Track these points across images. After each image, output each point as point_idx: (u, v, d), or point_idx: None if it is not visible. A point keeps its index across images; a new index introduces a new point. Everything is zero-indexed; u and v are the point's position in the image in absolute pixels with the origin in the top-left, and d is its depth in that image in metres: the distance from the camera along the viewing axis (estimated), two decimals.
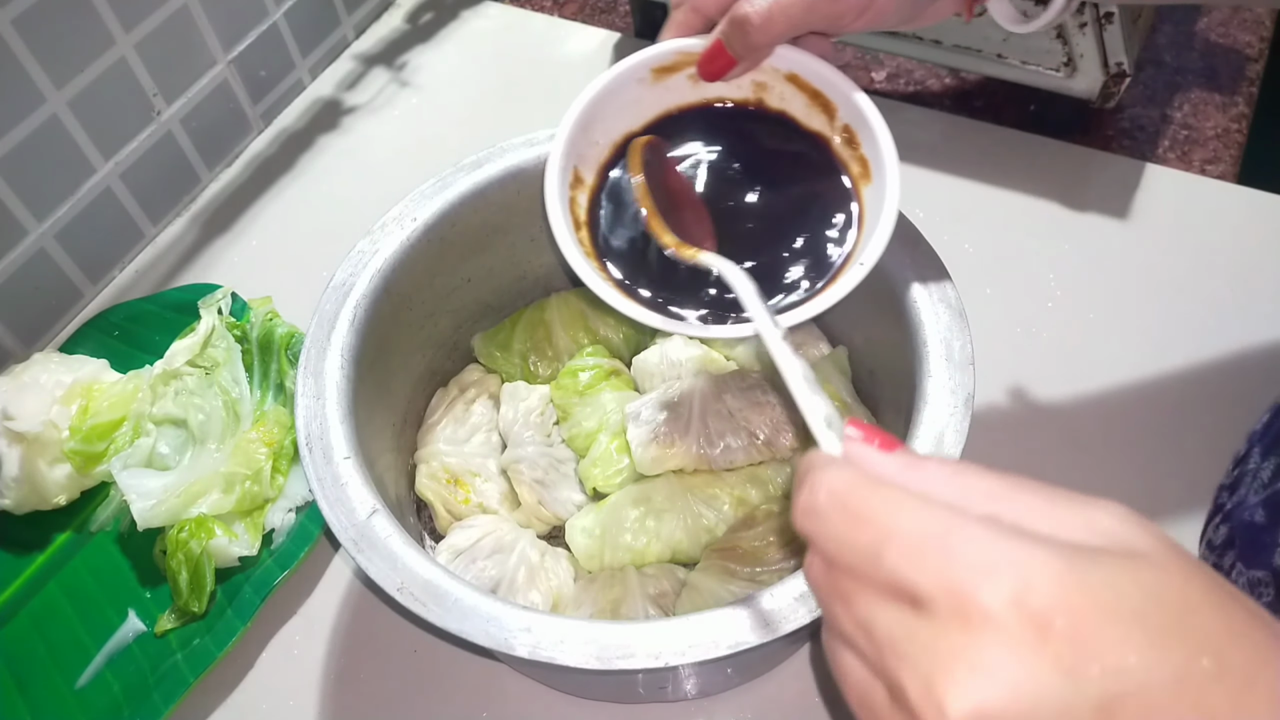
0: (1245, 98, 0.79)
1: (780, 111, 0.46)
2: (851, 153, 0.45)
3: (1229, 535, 0.51)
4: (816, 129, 0.46)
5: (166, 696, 0.53)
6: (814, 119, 0.46)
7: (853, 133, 0.45)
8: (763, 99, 0.46)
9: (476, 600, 0.41)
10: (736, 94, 0.46)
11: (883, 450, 0.27)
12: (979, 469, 0.26)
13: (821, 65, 0.44)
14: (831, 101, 0.45)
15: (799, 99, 0.46)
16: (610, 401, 0.57)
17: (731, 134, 0.47)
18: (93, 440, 0.60)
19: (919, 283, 0.49)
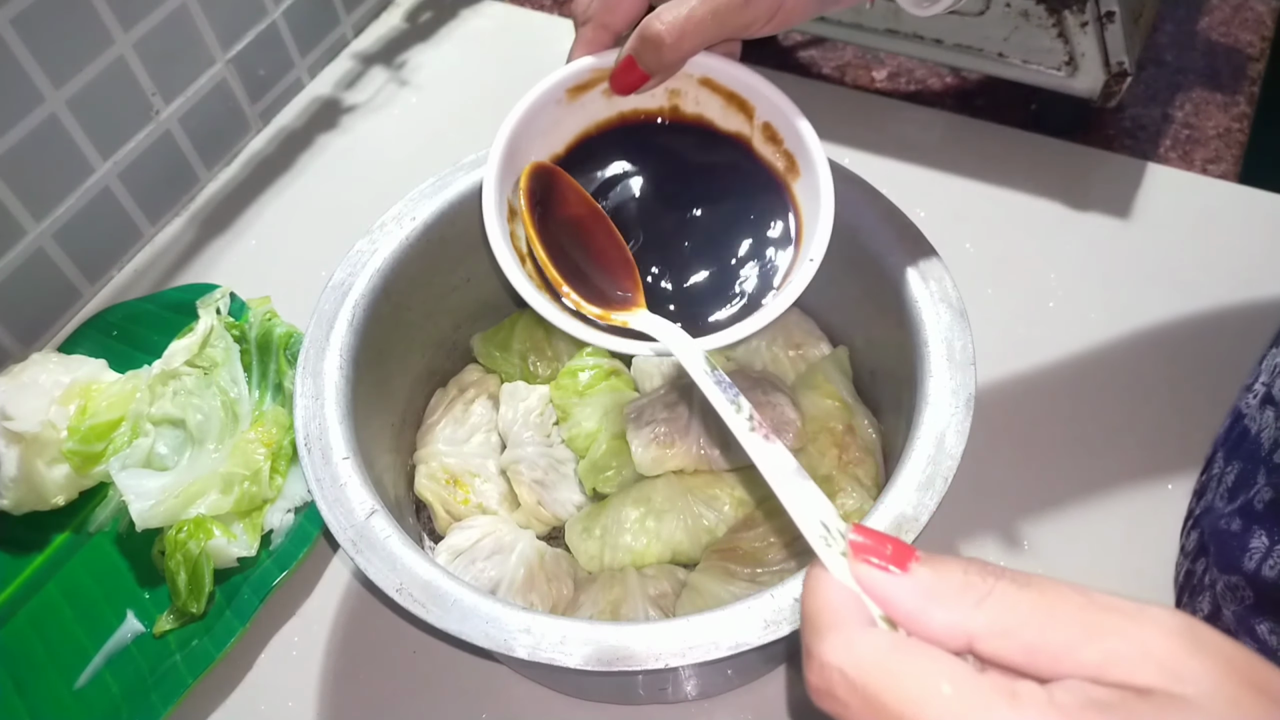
0: (1247, 97, 0.79)
1: (697, 117, 0.46)
2: (775, 149, 0.45)
3: (1200, 541, 0.51)
4: (735, 130, 0.46)
5: (165, 697, 0.53)
6: (731, 120, 0.46)
7: (773, 130, 0.45)
8: (678, 105, 0.46)
9: (476, 601, 0.41)
10: (652, 104, 0.46)
11: (896, 570, 0.24)
12: (1009, 584, 0.23)
13: (734, 67, 0.44)
14: (748, 101, 0.45)
15: (714, 102, 0.45)
16: (610, 402, 0.57)
17: (652, 152, 0.47)
18: (91, 440, 0.59)
19: (920, 282, 0.49)
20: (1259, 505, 0.44)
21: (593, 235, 0.44)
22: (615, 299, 0.42)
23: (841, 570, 0.25)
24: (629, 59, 0.42)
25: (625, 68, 0.42)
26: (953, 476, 0.42)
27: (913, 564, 0.24)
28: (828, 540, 0.26)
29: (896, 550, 0.25)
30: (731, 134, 0.46)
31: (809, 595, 0.25)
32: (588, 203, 0.44)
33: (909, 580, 0.24)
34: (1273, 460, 0.44)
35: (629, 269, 0.43)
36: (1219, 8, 0.85)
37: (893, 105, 0.80)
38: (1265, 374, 0.49)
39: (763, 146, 0.45)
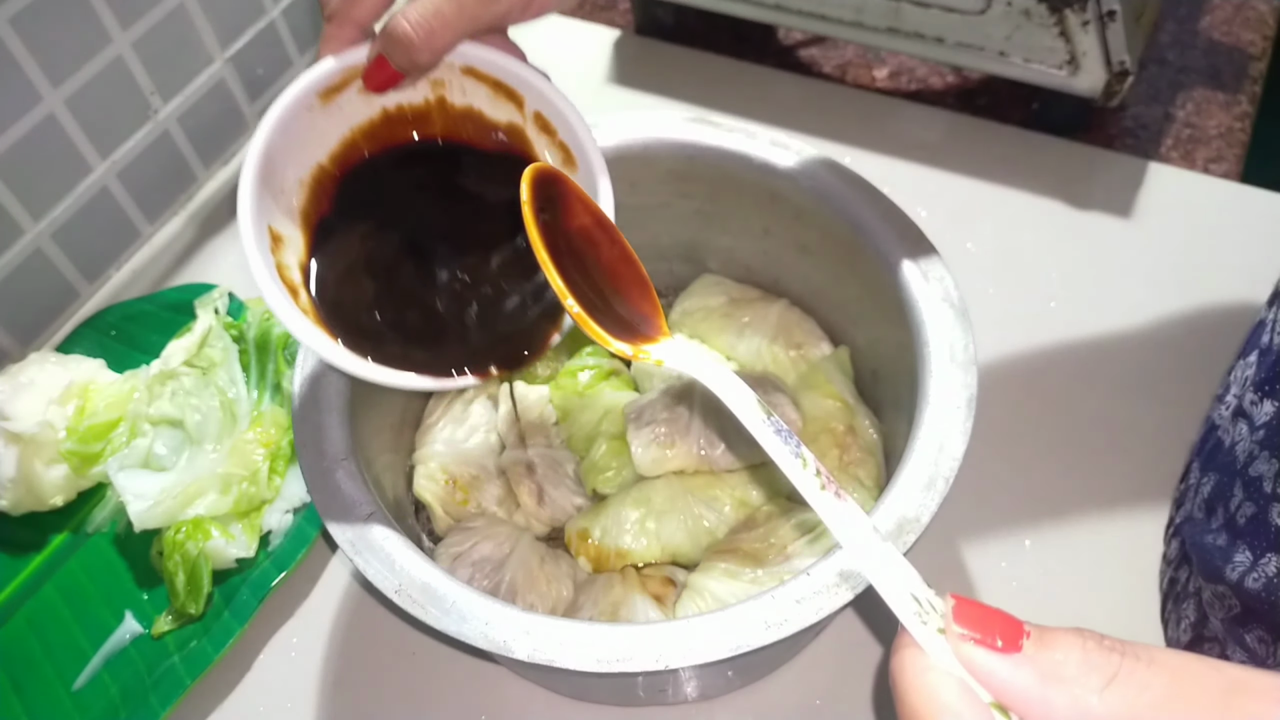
0: (1249, 96, 0.78)
1: (465, 109, 0.44)
2: (550, 140, 0.44)
3: (1181, 550, 0.51)
4: (507, 120, 0.44)
5: (164, 698, 0.53)
6: (501, 110, 0.44)
7: (545, 120, 0.43)
8: (444, 96, 0.44)
9: (475, 602, 0.40)
10: (415, 98, 0.43)
11: (1006, 651, 0.22)
12: (1135, 661, 0.21)
13: (497, 56, 0.42)
14: (516, 90, 0.43)
15: (481, 91, 0.43)
16: (610, 402, 0.57)
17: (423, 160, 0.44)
18: (89, 441, 0.59)
19: (921, 282, 0.49)
20: (1241, 520, 0.44)
21: (601, 249, 0.40)
22: (638, 327, 0.38)
23: (939, 650, 0.23)
24: (379, 58, 0.40)
25: (377, 66, 0.40)
26: (954, 477, 0.42)
27: (1024, 641, 0.22)
28: (922, 616, 0.23)
29: (1004, 625, 0.22)
30: (503, 125, 0.44)
31: (910, 689, 0.23)
32: (594, 212, 0.41)
33: (1024, 662, 0.22)
34: (1249, 474, 0.44)
35: (645, 288, 0.40)
36: (1221, 7, 0.85)
37: (894, 104, 0.80)
38: (1235, 385, 0.48)
39: (537, 138, 0.44)
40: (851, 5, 0.71)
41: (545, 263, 0.36)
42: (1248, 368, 0.47)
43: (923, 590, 0.24)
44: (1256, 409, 0.45)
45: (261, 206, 0.40)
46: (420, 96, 0.44)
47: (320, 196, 0.43)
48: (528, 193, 0.38)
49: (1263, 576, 0.42)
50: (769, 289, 0.62)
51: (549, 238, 0.37)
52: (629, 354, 0.36)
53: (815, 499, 0.27)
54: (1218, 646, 0.47)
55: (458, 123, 0.44)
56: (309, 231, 0.43)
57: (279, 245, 0.41)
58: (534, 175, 0.38)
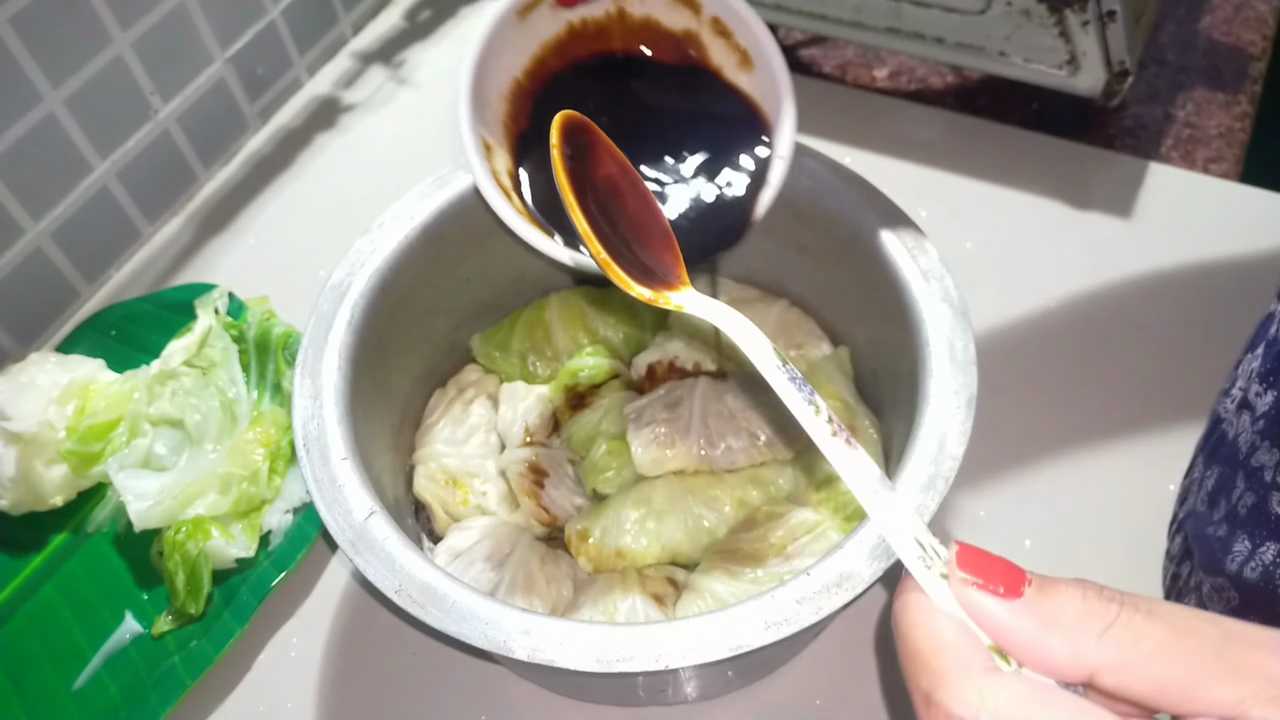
0: (1249, 96, 0.78)
1: (644, 19, 0.46)
2: (727, 43, 0.45)
3: (1184, 545, 0.51)
4: (683, 27, 0.46)
5: (164, 698, 0.53)
6: (678, 17, 0.46)
7: (722, 24, 0.45)
8: (624, 9, 0.46)
9: (475, 602, 0.40)
10: (598, 11, 0.46)
11: (1008, 596, 0.22)
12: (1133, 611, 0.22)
13: None
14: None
15: (659, 1, 0.46)
16: (610, 402, 0.57)
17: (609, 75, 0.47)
18: (89, 441, 0.59)
19: (921, 281, 0.49)
20: (1242, 510, 0.44)
21: (626, 199, 0.41)
22: (659, 274, 0.39)
23: (943, 595, 0.23)
24: None
25: None
26: (954, 477, 0.42)
27: (1025, 588, 0.23)
28: (926, 561, 0.24)
29: (1006, 572, 0.23)
30: (679, 32, 0.46)
31: (913, 628, 0.23)
32: (620, 161, 0.42)
33: (1024, 608, 0.22)
34: (1250, 464, 0.44)
35: (667, 238, 0.41)
36: (1220, 7, 0.85)
37: (894, 104, 0.80)
38: (1242, 379, 0.48)
39: (713, 42, 0.46)
40: (851, 5, 0.71)
41: (573, 208, 0.37)
42: (1254, 360, 0.48)
43: (927, 537, 0.24)
44: (1260, 399, 0.45)
45: (475, 117, 0.43)
46: (602, 10, 0.46)
47: (518, 110, 0.46)
48: (556, 138, 0.38)
49: (1260, 565, 0.42)
50: (769, 289, 0.62)
51: (576, 184, 0.38)
52: (649, 298, 0.36)
53: (826, 445, 0.27)
54: None
55: (636, 34, 0.47)
56: (511, 142, 0.46)
57: (490, 153, 0.44)
58: (563, 123, 0.39)
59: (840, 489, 0.52)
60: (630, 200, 0.41)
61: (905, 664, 0.23)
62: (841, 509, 0.52)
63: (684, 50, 0.47)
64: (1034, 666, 0.22)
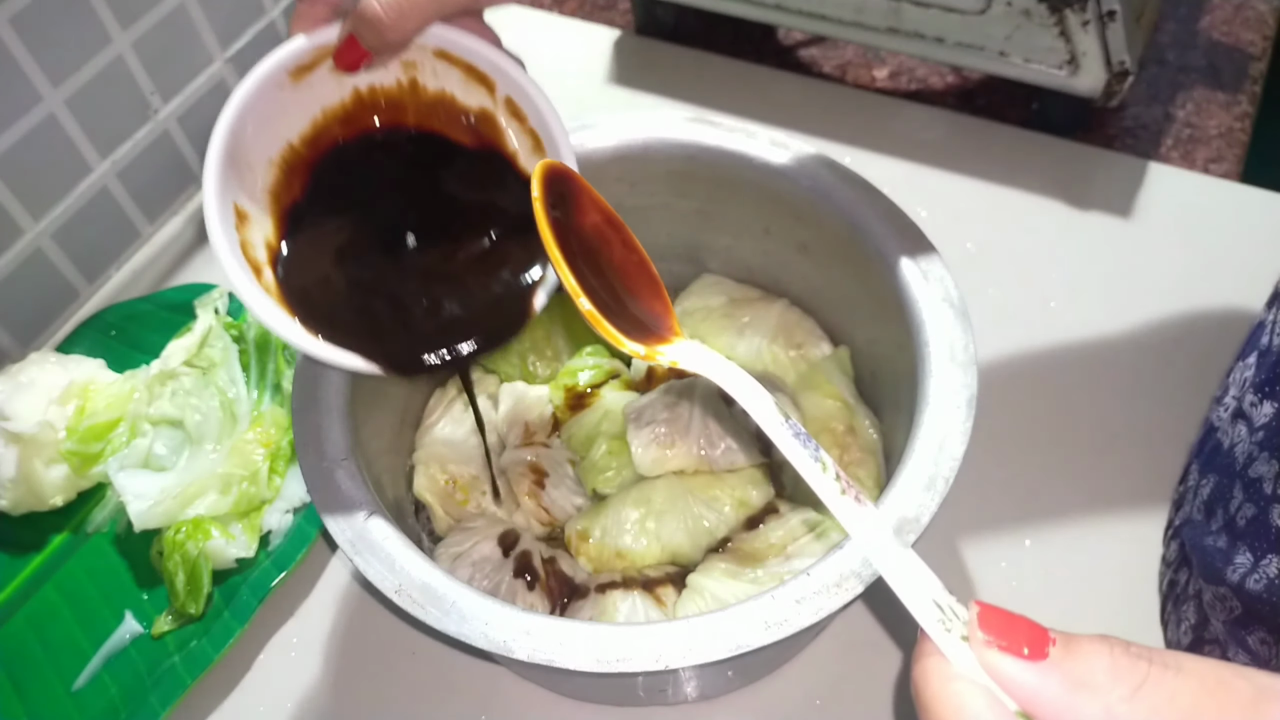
0: (1249, 96, 0.78)
1: (438, 93, 0.44)
2: (520, 126, 0.44)
3: (1180, 552, 0.51)
4: (478, 105, 0.44)
5: (164, 698, 0.53)
6: (473, 95, 0.44)
7: (516, 106, 0.43)
8: (415, 79, 0.43)
9: (475, 602, 0.40)
10: (387, 80, 0.43)
11: (1032, 658, 0.21)
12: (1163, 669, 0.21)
13: (470, 39, 0.42)
14: (488, 76, 0.43)
15: (453, 74, 0.43)
16: (610, 402, 0.57)
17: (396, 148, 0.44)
18: (89, 441, 0.59)
19: (921, 282, 0.49)
20: (1241, 522, 0.44)
21: (612, 248, 0.40)
22: (650, 326, 0.38)
23: (964, 659, 0.22)
24: (350, 38, 0.39)
25: (347, 45, 0.40)
26: (954, 477, 0.42)
27: (1050, 649, 0.22)
28: (945, 624, 0.23)
29: (1030, 632, 0.22)
30: (475, 110, 0.44)
31: (936, 700, 0.22)
32: (604, 210, 0.41)
33: (1050, 670, 0.21)
34: (1248, 475, 0.44)
35: (655, 287, 0.40)
36: (1220, 7, 0.85)
37: (894, 104, 0.80)
38: (1234, 387, 0.48)
39: (508, 123, 0.44)
40: (851, 5, 0.71)
41: (557, 260, 0.36)
42: (1246, 369, 0.47)
43: (945, 597, 0.23)
44: (1256, 410, 0.45)
45: (227, 182, 0.40)
46: (392, 78, 0.43)
47: (291, 179, 0.43)
48: (539, 189, 0.37)
49: (1264, 578, 0.42)
50: (769, 289, 0.62)
51: (560, 235, 0.37)
52: (642, 355, 0.35)
53: (835, 504, 0.27)
54: (1218, 649, 0.47)
55: (430, 108, 0.44)
56: (279, 213, 0.43)
57: (244, 222, 0.41)
58: (545, 171, 0.38)
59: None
60: (617, 250, 0.40)
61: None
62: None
63: (480, 133, 0.44)
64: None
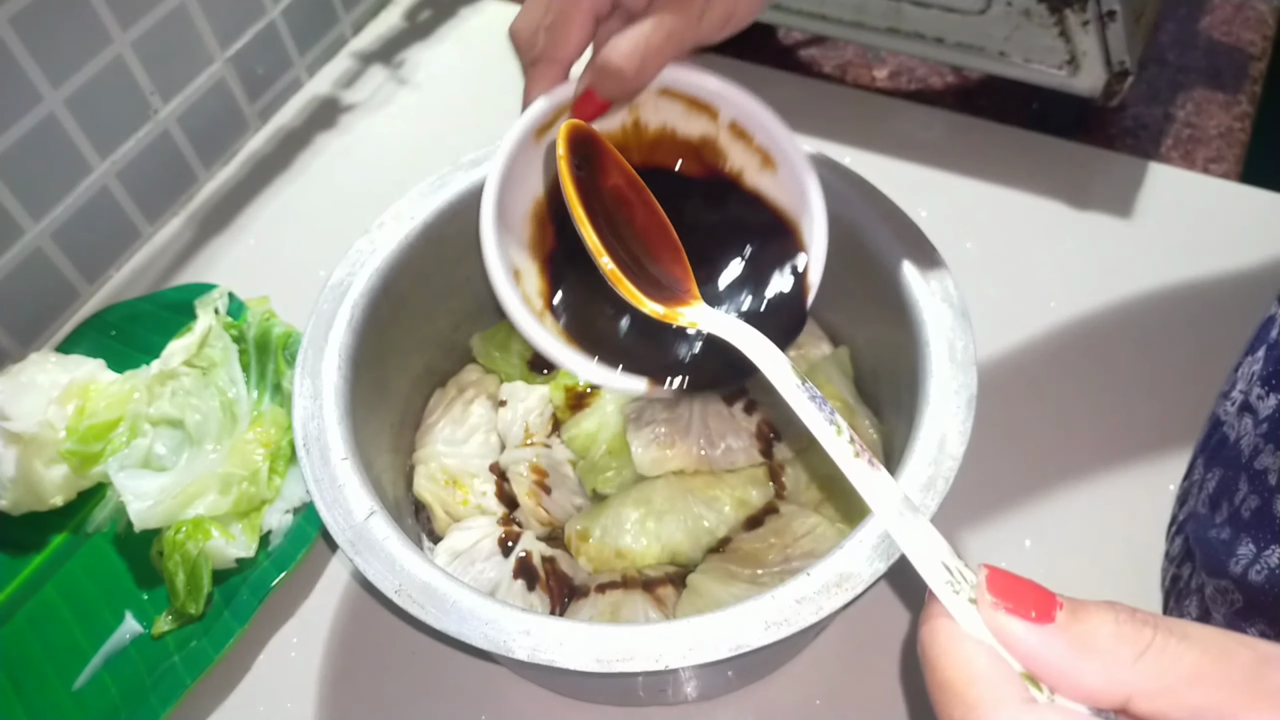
0: (1249, 96, 0.78)
1: (660, 129, 0.45)
2: (745, 145, 0.45)
3: (1185, 547, 0.51)
4: (699, 134, 0.45)
5: (164, 698, 0.53)
6: (694, 124, 0.45)
7: (740, 128, 0.44)
8: (639, 119, 0.45)
9: (475, 602, 0.40)
10: (613, 123, 0.44)
11: (1039, 621, 0.22)
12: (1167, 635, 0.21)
13: (692, 74, 0.43)
14: (710, 105, 0.44)
15: (675, 108, 0.45)
16: (610, 402, 0.57)
17: None
18: (89, 441, 0.59)
19: (921, 282, 0.49)
20: (1246, 513, 0.44)
21: (634, 210, 0.40)
22: (669, 288, 0.38)
23: (971, 620, 0.23)
24: (588, 91, 0.41)
25: (586, 99, 0.41)
26: (954, 477, 0.42)
27: (1057, 612, 0.22)
28: (953, 585, 0.23)
29: (1037, 596, 0.22)
30: (696, 139, 0.45)
31: (942, 656, 0.22)
32: (627, 173, 0.41)
33: (1056, 633, 0.22)
34: (1253, 467, 0.44)
35: (676, 251, 0.40)
36: (1220, 7, 0.85)
37: (894, 104, 0.80)
38: (1242, 381, 0.48)
39: (731, 145, 0.45)
40: (851, 5, 0.71)
41: (580, 219, 0.36)
42: (1255, 362, 0.47)
43: (954, 560, 0.24)
44: (1262, 403, 0.45)
45: (502, 246, 0.42)
46: (617, 123, 0.45)
47: (543, 230, 0.45)
48: (563, 148, 0.37)
49: (1265, 569, 0.42)
50: None
51: (584, 195, 0.37)
52: (661, 315, 0.35)
53: (848, 466, 0.27)
54: None
55: (653, 146, 0.46)
56: (542, 263, 0.44)
57: (519, 278, 0.43)
58: (570, 132, 0.38)
59: (841, 489, 0.52)
60: (639, 212, 0.40)
61: (935, 694, 0.23)
62: (841, 509, 0.52)
63: (702, 158, 0.46)
64: (1067, 693, 0.22)
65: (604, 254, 0.36)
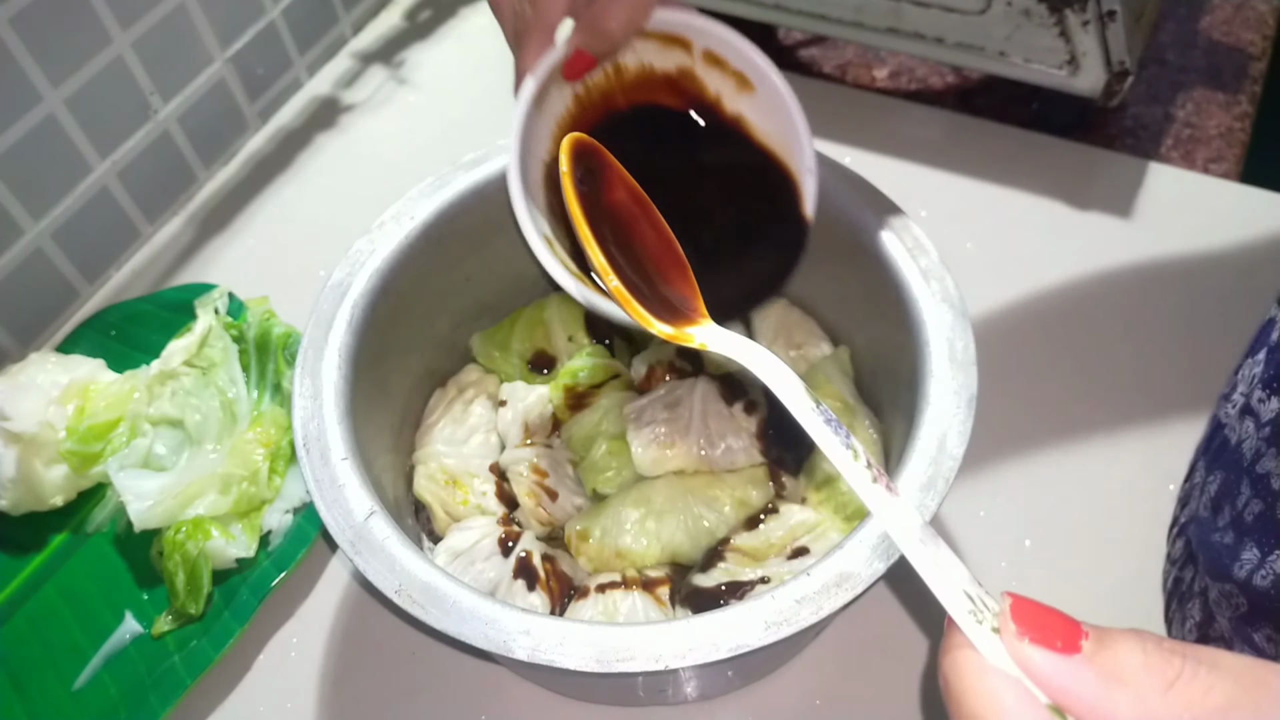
0: (1248, 96, 0.78)
1: (639, 67, 0.47)
2: (721, 71, 0.46)
3: (1186, 550, 0.51)
4: (676, 66, 0.47)
5: (164, 698, 0.53)
6: (670, 58, 0.47)
7: (715, 55, 0.46)
8: (619, 63, 0.47)
9: (475, 602, 0.40)
10: (595, 74, 0.46)
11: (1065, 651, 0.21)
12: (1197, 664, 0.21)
13: (663, 11, 0.45)
14: (683, 36, 0.46)
15: (650, 46, 0.46)
16: (610, 402, 0.57)
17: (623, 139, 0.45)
18: (89, 441, 0.59)
19: (921, 282, 0.49)
20: (1249, 518, 0.44)
21: (639, 226, 0.39)
22: (678, 307, 0.37)
23: (995, 651, 0.22)
24: (578, 52, 0.43)
25: (577, 59, 0.43)
26: (954, 477, 0.42)
27: (1083, 642, 0.21)
28: (976, 615, 0.23)
29: (1063, 625, 0.22)
30: (674, 71, 0.47)
31: (968, 691, 0.22)
32: (631, 186, 0.40)
33: (1083, 664, 0.21)
34: (1255, 471, 0.44)
35: (682, 268, 0.39)
36: (1220, 7, 0.85)
37: (894, 104, 0.80)
38: (1243, 384, 0.48)
39: (708, 73, 0.47)
40: (851, 5, 0.71)
41: (586, 237, 0.35)
42: (1256, 365, 0.47)
43: (975, 588, 0.23)
44: (1264, 406, 0.45)
45: (535, 222, 0.43)
46: (600, 71, 0.46)
47: (557, 192, 0.45)
48: (566, 164, 0.37)
49: (1271, 574, 0.42)
50: None
51: (588, 212, 0.36)
52: (670, 335, 0.35)
53: (866, 492, 0.26)
54: (1224, 646, 0.47)
55: (634, 84, 0.47)
56: (563, 225, 0.45)
57: (552, 247, 0.44)
58: (572, 146, 0.38)
59: (840, 489, 0.52)
60: (643, 228, 0.39)
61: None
62: (841, 509, 0.52)
63: (682, 89, 0.47)
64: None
65: (610, 273, 0.35)
